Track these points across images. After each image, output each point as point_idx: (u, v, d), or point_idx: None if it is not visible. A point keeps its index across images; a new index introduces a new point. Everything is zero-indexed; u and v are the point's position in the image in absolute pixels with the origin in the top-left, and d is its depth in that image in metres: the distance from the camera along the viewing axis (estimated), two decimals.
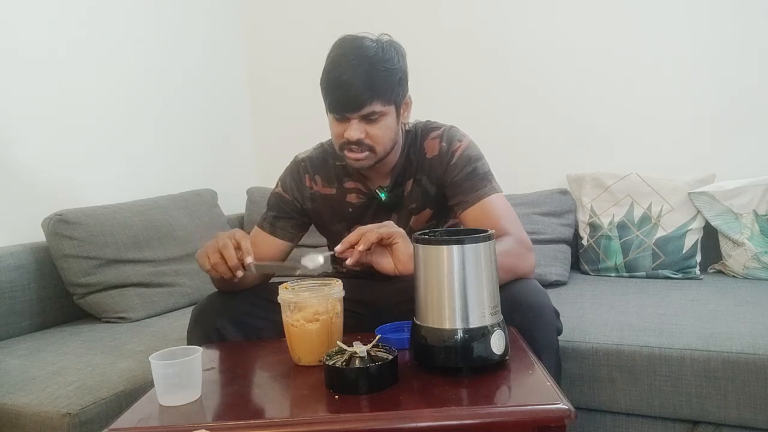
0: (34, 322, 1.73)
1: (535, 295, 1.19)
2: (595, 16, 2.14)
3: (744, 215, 1.88)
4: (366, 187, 1.37)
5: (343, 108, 1.20)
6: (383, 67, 1.19)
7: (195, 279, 1.97)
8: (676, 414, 1.37)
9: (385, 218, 1.39)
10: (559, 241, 2.03)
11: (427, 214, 1.39)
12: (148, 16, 2.25)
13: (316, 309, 1.02)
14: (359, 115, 1.20)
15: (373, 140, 1.23)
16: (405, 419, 0.84)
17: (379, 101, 1.19)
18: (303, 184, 1.40)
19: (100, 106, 2.06)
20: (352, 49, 1.19)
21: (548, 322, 1.18)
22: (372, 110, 1.19)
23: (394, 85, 1.21)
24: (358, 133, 1.21)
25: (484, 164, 1.34)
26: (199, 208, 2.16)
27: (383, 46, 1.21)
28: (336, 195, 1.39)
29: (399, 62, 1.23)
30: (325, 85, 1.21)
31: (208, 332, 1.24)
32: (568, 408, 0.83)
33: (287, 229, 1.40)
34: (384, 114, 1.22)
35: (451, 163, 1.32)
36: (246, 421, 0.85)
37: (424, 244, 0.97)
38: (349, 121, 1.21)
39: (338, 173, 1.39)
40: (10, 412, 1.23)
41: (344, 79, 1.17)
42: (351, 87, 1.17)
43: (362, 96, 1.17)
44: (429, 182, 1.35)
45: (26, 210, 1.82)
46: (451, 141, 1.34)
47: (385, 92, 1.20)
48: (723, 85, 2.01)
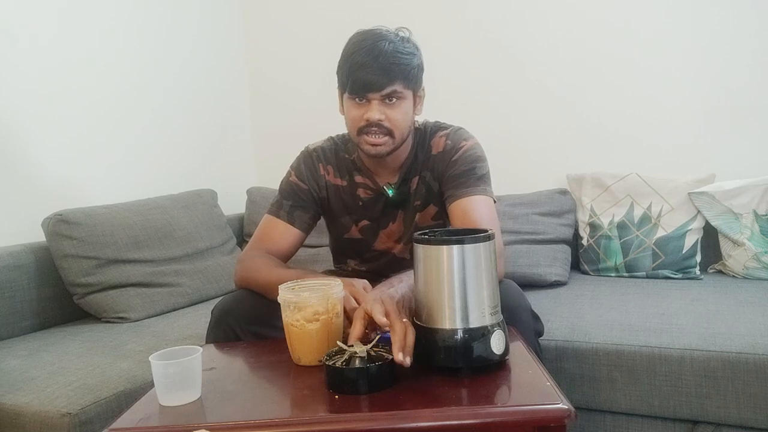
0: (34, 322, 1.73)
1: (510, 296, 1.18)
2: (595, 17, 2.14)
3: (744, 215, 1.88)
4: (374, 183, 1.39)
5: (366, 87, 1.22)
6: (405, 51, 1.24)
7: (195, 279, 1.98)
8: (676, 414, 1.37)
9: (393, 214, 1.40)
10: (559, 241, 2.03)
11: (431, 211, 1.39)
12: (148, 18, 2.25)
13: (316, 309, 1.02)
14: (381, 95, 1.22)
15: (392, 123, 1.25)
16: (405, 419, 0.84)
17: (401, 83, 1.23)
18: (318, 173, 1.41)
19: (100, 107, 2.06)
20: (372, 36, 1.24)
21: (524, 323, 1.18)
22: (394, 89, 1.22)
23: (414, 68, 1.26)
24: (379, 114, 1.23)
25: (484, 167, 1.35)
26: (199, 208, 2.16)
27: (402, 36, 1.27)
28: (347, 187, 1.40)
29: (417, 51, 1.29)
30: (347, 67, 1.24)
31: (228, 333, 1.23)
32: (568, 408, 0.82)
33: (305, 220, 1.39)
34: (403, 97, 1.25)
35: (453, 158, 1.34)
36: (246, 421, 0.85)
37: (424, 244, 0.97)
38: (369, 103, 1.24)
39: (348, 166, 1.40)
40: (10, 412, 1.23)
41: (367, 60, 1.21)
42: (374, 67, 1.20)
43: (385, 76, 1.21)
44: (432, 178, 1.37)
45: (26, 210, 1.82)
46: (457, 139, 1.36)
47: (406, 74, 1.24)
48: (723, 85, 2.00)
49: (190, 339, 1.55)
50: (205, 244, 2.09)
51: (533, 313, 1.24)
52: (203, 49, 2.51)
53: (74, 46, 1.98)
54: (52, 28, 1.92)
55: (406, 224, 1.40)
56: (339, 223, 1.44)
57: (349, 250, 1.48)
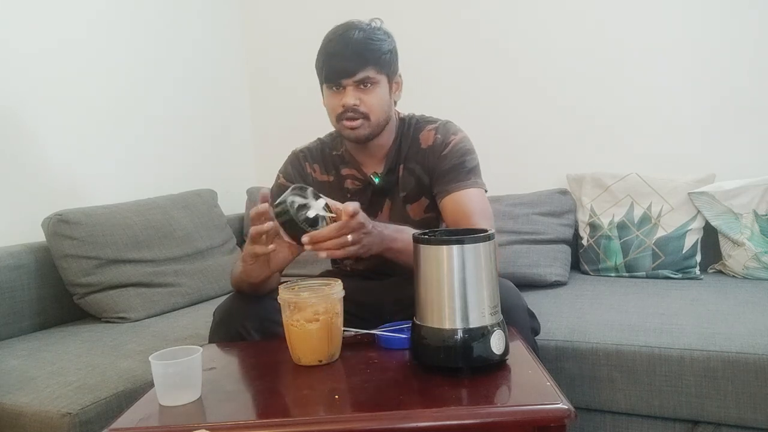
0: (34, 322, 1.73)
1: (506, 295, 1.18)
2: (595, 17, 2.14)
3: (744, 215, 1.88)
4: (361, 173, 1.42)
5: (338, 74, 1.28)
6: (375, 37, 1.29)
7: (195, 279, 1.98)
8: (676, 414, 1.37)
9: (380, 203, 1.42)
10: (559, 241, 2.03)
11: (423, 203, 1.41)
12: (148, 19, 2.25)
13: (316, 309, 1.02)
14: (354, 81, 1.27)
15: (368, 107, 1.30)
16: (405, 419, 0.84)
17: (372, 68, 1.28)
18: (304, 171, 1.45)
19: (100, 107, 2.07)
20: (344, 26, 1.30)
21: (521, 322, 1.19)
22: (366, 75, 1.27)
23: (385, 54, 1.30)
24: (353, 99, 1.28)
25: (474, 159, 1.38)
26: (199, 208, 2.16)
27: (371, 24, 1.32)
28: (334, 182, 1.43)
29: (389, 38, 1.33)
30: (321, 59, 1.31)
31: (231, 334, 1.24)
32: (568, 408, 0.83)
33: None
34: (376, 82, 1.30)
35: (443, 153, 1.37)
36: (246, 421, 0.85)
37: (424, 244, 0.97)
38: (344, 90, 1.29)
39: (335, 162, 1.44)
40: (10, 412, 1.23)
41: (339, 49, 1.27)
42: (345, 55, 1.26)
43: (356, 62, 1.26)
44: (423, 172, 1.39)
45: (26, 210, 1.82)
46: (446, 133, 1.39)
47: (377, 60, 1.29)
48: (723, 85, 2.00)
49: (190, 339, 1.55)
50: (205, 244, 2.09)
51: (529, 311, 1.26)
52: (203, 50, 2.51)
53: (74, 46, 1.98)
54: (53, 30, 1.92)
55: (393, 213, 1.42)
56: None
57: None
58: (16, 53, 1.82)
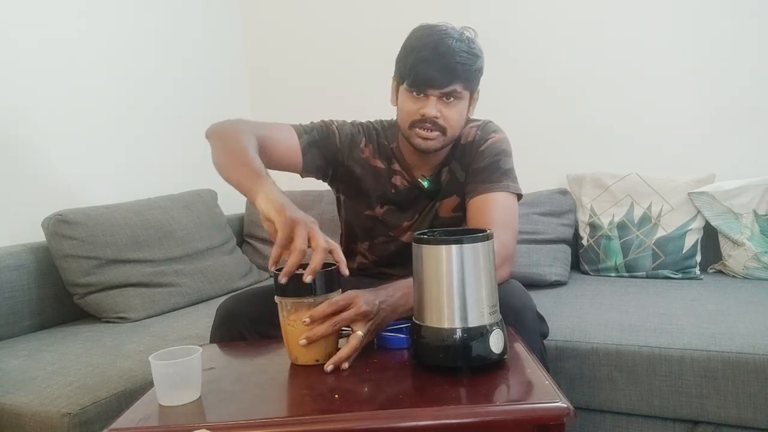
0: (34, 322, 1.73)
1: (516, 297, 1.17)
2: (595, 17, 2.14)
3: (744, 215, 1.88)
4: (410, 175, 1.39)
5: (427, 83, 1.22)
6: (470, 51, 1.24)
7: (195, 279, 1.98)
8: (676, 414, 1.37)
9: (426, 206, 1.39)
10: (559, 241, 2.04)
11: (454, 201, 1.38)
12: (148, 18, 2.26)
13: None
14: (441, 92, 1.23)
15: (447, 121, 1.26)
16: (405, 418, 0.84)
17: (461, 83, 1.23)
18: (356, 145, 1.39)
19: (100, 106, 2.07)
20: (437, 32, 1.24)
21: (530, 324, 1.16)
22: (454, 89, 1.23)
23: (476, 71, 1.26)
24: (435, 110, 1.23)
25: (509, 161, 1.35)
26: (199, 208, 2.16)
27: (467, 36, 1.27)
28: (385, 170, 1.39)
29: (481, 54, 1.28)
30: (410, 60, 1.23)
31: (232, 334, 1.23)
32: (567, 407, 0.82)
33: (315, 160, 1.35)
34: (461, 97, 1.26)
35: (480, 149, 1.34)
36: (246, 420, 0.85)
37: (423, 243, 0.97)
38: (427, 98, 1.24)
39: (387, 153, 1.40)
40: (10, 412, 1.23)
41: (432, 57, 1.20)
42: (438, 65, 1.20)
43: (448, 75, 1.21)
44: (460, 168, 1.37)
45: (26, 210, 1.82)
46: (486, 131, 1.37)
47: (468, 76, 1.24)
48: (723, 85, 2.00)
49: (190, 339, 1.55)
50: (205, 244, 2.09)
51: (539, 315, 1.22)
52: (203, 49, 2.51)
53: (74, 46, 1.98)
54: (53, 30, 1.92)
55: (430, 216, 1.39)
56: (363, 199, 1.41)
57: (363, 231, 1.45)
58: (16, 53, 1.82)
